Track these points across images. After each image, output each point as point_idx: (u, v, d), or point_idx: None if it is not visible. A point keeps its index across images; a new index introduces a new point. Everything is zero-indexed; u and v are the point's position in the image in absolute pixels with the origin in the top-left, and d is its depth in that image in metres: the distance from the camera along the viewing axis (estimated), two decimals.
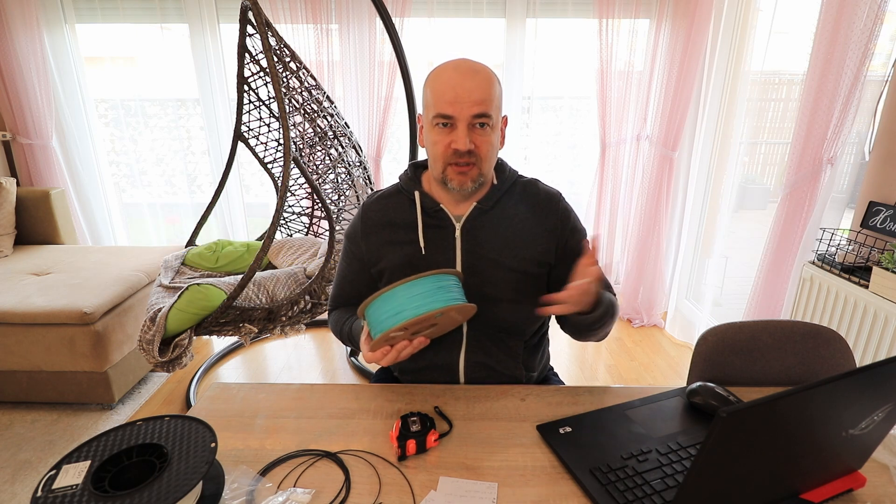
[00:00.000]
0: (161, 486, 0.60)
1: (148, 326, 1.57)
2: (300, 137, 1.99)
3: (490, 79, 0.91)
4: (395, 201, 1.03)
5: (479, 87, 0.88)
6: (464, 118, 0.89)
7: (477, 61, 0.93)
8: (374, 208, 1.04)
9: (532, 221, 1.00)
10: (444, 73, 0.91)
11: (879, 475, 0.74)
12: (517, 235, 0.99)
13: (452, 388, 0.96)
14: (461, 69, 0.89)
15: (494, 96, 0.91)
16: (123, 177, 3.03)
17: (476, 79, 0.89)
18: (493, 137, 0.93)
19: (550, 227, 1.00)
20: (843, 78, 1.55)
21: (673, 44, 2.50)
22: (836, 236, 1.70)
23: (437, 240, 0.99)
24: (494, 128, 0.93)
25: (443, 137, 0.91)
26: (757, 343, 1.01)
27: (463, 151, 0.90)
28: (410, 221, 1.00)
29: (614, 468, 0.73)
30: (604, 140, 2.71)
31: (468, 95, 0.88)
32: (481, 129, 0.91)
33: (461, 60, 0.92)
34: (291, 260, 2.14)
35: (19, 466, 1.71)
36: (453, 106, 0.88)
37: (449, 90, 0.88)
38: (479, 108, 0.88)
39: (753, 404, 0.51)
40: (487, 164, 0.94)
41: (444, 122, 0.90)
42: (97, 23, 2.67)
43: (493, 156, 0.95)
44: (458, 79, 0.88)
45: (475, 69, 0.90)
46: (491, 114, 0.90)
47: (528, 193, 1.03)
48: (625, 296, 2.99)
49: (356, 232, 1.04)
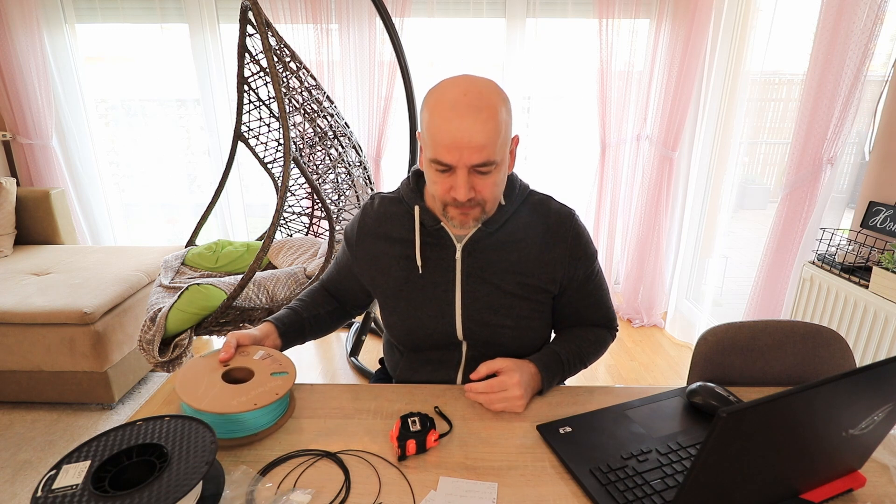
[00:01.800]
0: (161, 486, 0.60)
1: (148, 326, 1.57)
2: (300, 137, 1.99)
3: (494, 114, 0.78)
4: (395, 213, 0.97)
5: (480, 129, 0.77)
6: (464, 166, 0.79)
7: (481, 85, 0.79)
8: (372, 216, 0.99)
9: (539, 247, 0.94)
10: (442, 109, 0.78)
11: (879, 475, 0.74)
12: (521, 261, 0.93)
13: (452, 388, 0.96)
14: (460, 107, 0.76)
15: (500, 134, 0.79)
16: (123, 177, 3.03)
17: (478, 119, 0.76)
18: (499, 176, 0.84)
19: (557, 256, 0.94)
20: (843, 78, 1.55)
21: (673, 44, 2.50)
22: (836, 236, 1.70)
23: (436, 259, 0.94)
24: (500, 166, 0.83)
25: (442, 180, 0.83)
26: (757, 343, 1.01)
27: (462, 201, 0.82)
28: (408, 237, 0.95)
29: (614, 468, 0.73)
30: (604, 140, 2.71)
31: (467, 142, 0.77)
32: (484, 175, 0.82)
33: (462, 90, 0.78)
34: (291, 260, 2.14)
35: (19, 466, 1.71)
36: (451, 154, 0.78)
37: (446, 134, 0.77)
38: (479, 156, 0.78)
39: (753, 404, 0.51)
40: (492, 202, 0.87)
41: (443, 169, 0.81)
42: (97, 23, 2.67)
43: (498, 193, 0.87)
44: (456, 120, 0.76)
45: (476, 105, 0.77)
46: (494, 160, 0.80)
47: (539, 213, 0.96)
48: (625, 296, 2.99)
49: (352, 234, 1.02)
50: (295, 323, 1.03)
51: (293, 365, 0.90)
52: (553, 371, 0.93)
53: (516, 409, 0.86)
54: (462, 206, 0.84)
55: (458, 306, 0.95)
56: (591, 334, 1.03)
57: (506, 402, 0.85)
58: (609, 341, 1.06)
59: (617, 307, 3.00)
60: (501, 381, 0.86)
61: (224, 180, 2.18)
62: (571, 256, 0.95)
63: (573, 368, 0.97)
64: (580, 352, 0.99)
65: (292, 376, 0.86)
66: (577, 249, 0.96)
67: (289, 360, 0.91)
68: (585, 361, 1.00)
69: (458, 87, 0.79)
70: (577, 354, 0.98)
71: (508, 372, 0.87)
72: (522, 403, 0.86)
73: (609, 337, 1.06)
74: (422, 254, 0.94)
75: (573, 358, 0.97)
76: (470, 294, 0.94)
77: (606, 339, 1.05)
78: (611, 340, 1.07)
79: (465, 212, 0.85)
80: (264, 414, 0.81)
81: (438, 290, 0.94)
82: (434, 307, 0.95)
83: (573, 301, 1.00)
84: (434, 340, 0.98)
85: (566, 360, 0.95)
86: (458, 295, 0.94)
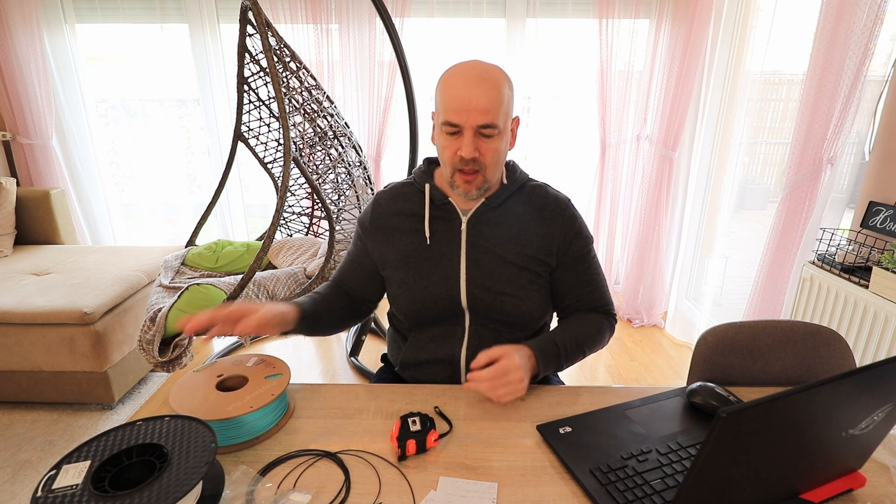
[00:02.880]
0: (161, 486, 0.60)
1: (148, 326, 1.57)
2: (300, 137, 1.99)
3: (497, 85, 0.90)
4: (406, 192, 1.06)
5: (485, 95, 0.89)
6: (469, 127, 0.90)
7: (488, 65, 0.93)
8: (385, 197, 1.07)
9: (537, 222, 1.02)
10: (453, 79, 0.91)
11: (879, 475, 0.74)
12: (521, 233, 1.01)
13: (452, 388, 0.96)
14: (469, 77, 0.90)
15: (502, 103, 0.91)
16: (123, 177, 3.03)
17: (483, 87, 0.89)
18: (500, 144, 0.94)
19: (554, 230, 1.02)
20: (843, 78, 1.55)
21: (673, 44, 2.50)
22: (836, 236, 1.70)
23: (443, 231, 1.02)
24: (502, 134, 0.93)
25: (451, 143, 0.93)
26: (757, 343, 1.01)
27: (468, 159, 0.92)
28: (419, 212, 1.03)
29: (614, 468, 0.73)
30: (604, 140, 2.71)
31: (474, 105, 0.89)
32: (487, 138, 0.92)
33: (472, 66, 0.92)
34: (291, 260, 2.14)
35: (19, 466, 1.71)
36: (459, 115, 0.90)
37: (456, 99, 0.90)
38: (484, 118, 0.89)
39: (753, 404, 0.51)
40: (493, 170, 0.96)
41: (452, 130, 0.92)
42: (97, 23, 2.67)
43: (499, 161, 0.97)
44: (464, 87, 0.89)
45: (483, 76, 0.90)
46: (497, 123, 0.91)
47: (537, 195, 1.05)
48: (625, 296, 2.99)
49: (366, 216, 1.08)
50: (314, 313, 1.03)
51: (287, 366, 0.90)
52: (548, 353, 0.95)
53: (519, 393, 0.87)
54: (466, 171, 0.94)
55: (462, 274, 1.00)
56: (588, 320, 1.04)
57: (509, 386, 0.86)
58: (607, 328, 1.06)
59: (617, 307, 2.98)
60: (503, 367, 0.87)
61: (224, 180, 2.18)
62: (566, 233, 1.02)
63: (571, 354, 0.99)
64: (577, 338, 1.00)
65: (287, 377, 0.86)
66: (572, 227, 1.03)
67: (282, 362, 0.91)
68: (584, 348, 1.01)
69: (467, 63, 0.93)
70: (574, 340, 0.99)
71: (507, 356, 0.88)
72: (525, 385, 0.88)
73: (606, 323, 1.06)
74: (430, 226, 1.01)
75: (570, 343, 0.98)
76: (473, 262, 1.00)
77: (604, 325, 1.06)
78: (608, 328, 1.07)
79: (468, 179, 0.95)
80: (262, 416, 0.81)
81: (444, 259, 1.01)
82: (440, 274, 1.01)
83: (569, 277, 1.04)
84: (439, 308, 1.01)
85: (562, 346, 0.97)
86: (463, 263, 1.00)
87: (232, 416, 0.77)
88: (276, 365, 0.90)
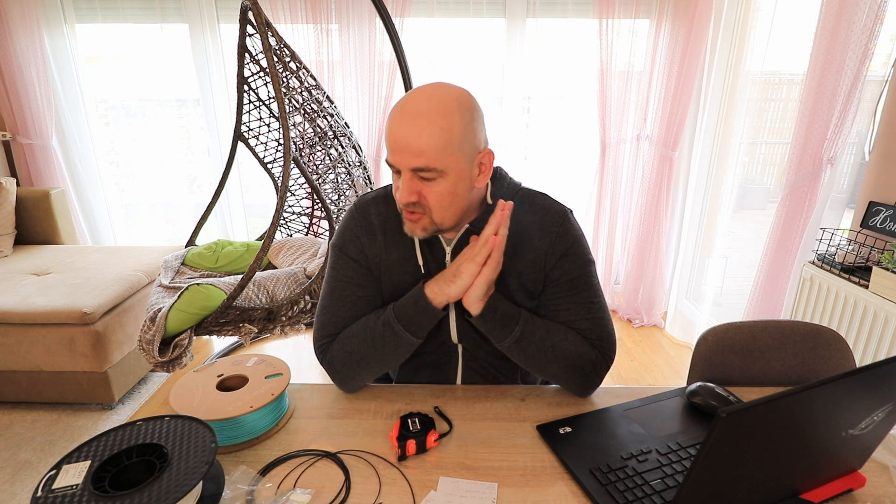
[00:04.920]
0: (161, 486, 0.60)
1: (148, 326, 1.57)
2: (300, 137, 1.99)
3: (436, 122, 0.77)
4: (388, 208, 0.93)
5: (418, 135, 0.76)
6: (405, 168, 0.79)
7: (439, 94, 0.79)
8: (373, 211, 0.93)
9: (524, 246, 0.90)
10: (393, 112, 0.80)
11: (879, 475, 0.74)
12: (508, 263, 0.88)
13: (452, 388, 0.96)
14: (405, 113, 0.78)
15: (444, 143, 0.77)
16: (123, 177, 3.03)
17: (416, 125, 0.76)
18: (445, 187, 0.81)
19: (541, 252, 0.90)
20: (843, 78, 1.55)
21: (673, 44, 2.50)
22: (836, 236, 1.70)
23: (432, 261, 0.91)
24: (446, 175, 0.80)
25: (395, 181, 0.84)
26: (757, 343, 1.01)
27: (402, 204, 0.82)
28: (405, 236, 0.90)
29: (614, 468, 0.73)
30: (604, 140, 2.71)
31: (406, 145, 0.78)
32: (428, 181, 0.80)
33: (415, 98, 0.79)
34: (291, 260, 2.14)
35: (19, 466, 1.71)
36: (393, 155, 0.80)
37: (390, 137, 0.79)
38: (418, 160, 0.78)
39: (753, 404, 0.51)
40: (441, 212, 0.83)
41: (395, 170, 0.82)
42: (97, 23, 2.67)
43: (448, 204, 0.83)
44: (398, 125, 0.78)
45: (420, 112, 0.77)
46: (433, 166, 0.78)
47: (530, 211, 0.91)
48: (625, 296, 2.99)
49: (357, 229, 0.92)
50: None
51: (287, 366, 0.90)
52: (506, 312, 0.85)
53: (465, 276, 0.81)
54: (408, 211, 0.84)
55: (451, 310, 0.92)
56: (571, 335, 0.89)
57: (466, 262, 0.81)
58: (590, 357, 0.88)
59: (617, 307, 3.00)
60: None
61: (224, 180, 2.18)
62: (554, 251, 0.90)
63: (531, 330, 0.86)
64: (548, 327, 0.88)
65: (287, 377, 0.86)
66: (561, 245, 0.90)
67: (282, 362, 0.91)
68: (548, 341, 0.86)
69: (413, 94, 0.80)
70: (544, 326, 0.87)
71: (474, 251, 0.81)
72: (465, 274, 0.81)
73: (592, 353, 0.89)
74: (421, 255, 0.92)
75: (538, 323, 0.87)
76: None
77: (587, 351, 0.88)
78: (593, 361, 0.89)
79: (410, 218, 0.84)
80: (262, 416, 0.81)
81: None
82: None
83: (551, 303, 0.91)
84: (432, 345, 0.96)
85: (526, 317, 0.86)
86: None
87: (232, 416, 0.77)
88: (276, 365, 0.90)
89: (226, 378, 0.87)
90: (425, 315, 0.85)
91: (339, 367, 0.90)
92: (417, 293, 0.85)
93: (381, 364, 0.89)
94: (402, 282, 0.92)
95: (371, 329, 0.87)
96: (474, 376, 1.00)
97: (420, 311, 0.85)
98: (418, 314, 0.85)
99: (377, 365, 0.89)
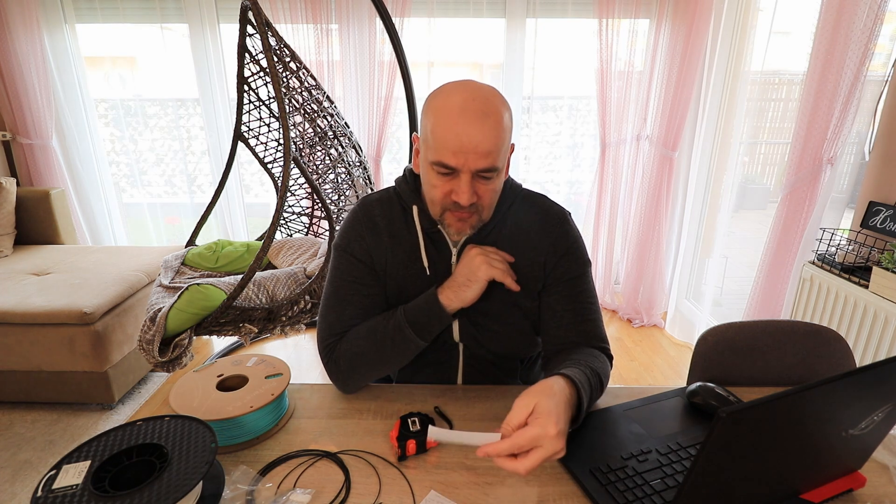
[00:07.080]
0: (161, 486, 0.60)
1: (148, 326, 1.57)
2: (300, 137, 1.99)
3: (499, 121, 0.77)
4: (392, 209, 0.93)
5: (488, 136, 0.75)
6: (468, 170, 0.78)
7: (488, 91, 0.78)
8: (377, 212, 0.92)
9: (525, 246, 0.91)
10: (449, 114, 0.76)
11: (879, 475, 0.74)
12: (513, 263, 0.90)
13: (452, 388, 0.96)
14: (469, 113, 0.75)
15: (504, 141, 0.79)
16: (123, 177, 3.03)
17: (486, 125, 0.75)
18: (497, 183, 0.82)
19: (543, 253, 0.91)
20: (843, 78, 1.55)
21: (673, 44, 2.50)
22: (836, 236, 1.70)
23: (438, 262, 0.91)
24: (501, 173, 0.82)
25: (442, 184, 0.80)
26: (757, 343, 1.01)
27: (465, 206, 0.80)
28: (410, 237, 0.91)
29: (614, 468, 0.73)
30: (604, 140, 2.71)
31: (475, 147, 0.75)
32: (486, 180, 0.80)
33: (470, 95, 0.76)
34: (291, 260, 2.14)
35: (19, 466, 1.71)
36: (457, 157, 0.76)
37: (453, 138, 0.75)
38: (486, 161, 0.77)
39: (753, 404, 0.50)
40: (489, 209, 0.85)
41: (445, 171, 0.79)
42: (97, 23, 2.67)
43: (495, 200, 0.85)
44: (464, 125, 0.75)
45: (485, 111, 0.76)
46: (496, 165, 0.78)
47: (531, 212, 0.93)
48: (625, 296, 2.99)
49: (363, 229, 0.91)
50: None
51: (287, 366, 0.90)
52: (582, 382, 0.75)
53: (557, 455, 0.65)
54: (461, 210, 0.82)
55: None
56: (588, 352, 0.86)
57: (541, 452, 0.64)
58: (609, 368, 0.90)
59: (617, 307, 3.00)
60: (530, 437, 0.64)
61: (224, 180, 2.18)
62: (555, 250, 0.91)
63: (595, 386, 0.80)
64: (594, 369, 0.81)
65: (287, 377, 0.86)
66: (562, 244, 0.91)
67: (282, 362, 0.91)
68: (602, 382, 0.84)
69: (465, 91, 0.77)
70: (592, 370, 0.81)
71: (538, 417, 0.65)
72: (562, 445, 0.65)
73: (608, 363, 0.90)
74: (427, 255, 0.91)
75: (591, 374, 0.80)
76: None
77: (606, 364, 0.89)
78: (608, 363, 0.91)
79: (462, 218, 0.83)
80: (262, 416, 0.81)
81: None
82: None
83: (554, 303, 0.91)
84: (433, 344, 0.95)
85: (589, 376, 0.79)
86: None
87: (232, 416, 0.77)
88: (276, 365, 0.90)
89: (226, 378, 0.87)
90: (437, 320, 0.86)
91: (343, 367, 0.90)
92: (431, 299, 0.86)
93: (386, 366, 0.90)
94: (407, 283, 0.92)
95: (380, 331, 0.88)
96: (475, 375, 1.00)
97: (433, 317, 0.86)
98: (431, 319, 0.86)
99: (382, 366, 0.90)
